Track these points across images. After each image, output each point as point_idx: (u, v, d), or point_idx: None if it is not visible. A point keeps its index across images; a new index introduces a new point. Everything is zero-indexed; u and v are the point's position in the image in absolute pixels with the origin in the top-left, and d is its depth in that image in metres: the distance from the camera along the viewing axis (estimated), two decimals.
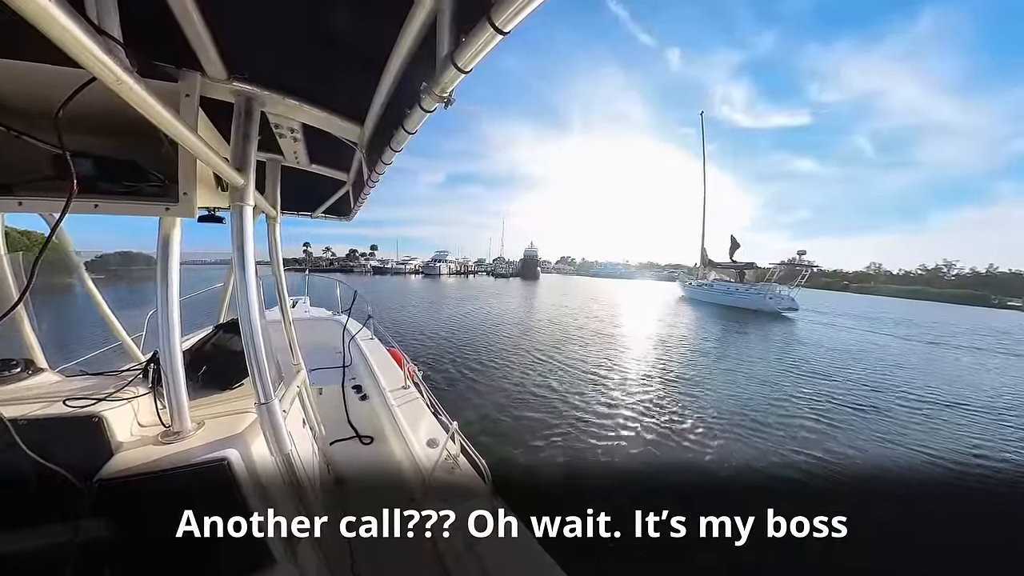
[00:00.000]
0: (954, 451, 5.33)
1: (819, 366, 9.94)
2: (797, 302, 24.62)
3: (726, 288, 30.09)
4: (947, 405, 7.26)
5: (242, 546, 1.08)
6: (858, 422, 6.19)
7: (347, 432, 2.97)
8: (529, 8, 0.62)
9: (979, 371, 10.76)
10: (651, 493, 4.05)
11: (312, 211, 3.02)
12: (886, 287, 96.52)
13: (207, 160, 0.95)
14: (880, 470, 4.97)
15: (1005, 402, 7.70)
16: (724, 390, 7.47)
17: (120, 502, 0.96)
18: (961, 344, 15.93)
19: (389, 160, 1.38)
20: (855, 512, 1.36)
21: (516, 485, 4.05)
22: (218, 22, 0.93)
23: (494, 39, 0.69)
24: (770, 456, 4.93)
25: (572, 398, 6.46)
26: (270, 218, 1.94)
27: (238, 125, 1.22)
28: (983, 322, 28.81)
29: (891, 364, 10.72)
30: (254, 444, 1.19)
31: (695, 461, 4.80)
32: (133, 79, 0.60)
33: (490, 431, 5.10)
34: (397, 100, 1.23)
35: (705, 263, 35.59)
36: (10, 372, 1.26)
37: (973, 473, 4.88)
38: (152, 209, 1.07)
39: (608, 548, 2.22)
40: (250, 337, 1.19)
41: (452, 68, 0.79)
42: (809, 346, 12.92)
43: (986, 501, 4.42)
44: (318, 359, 3.67)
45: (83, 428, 1.04)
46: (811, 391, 7.62)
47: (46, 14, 0.43)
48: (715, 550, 1.31)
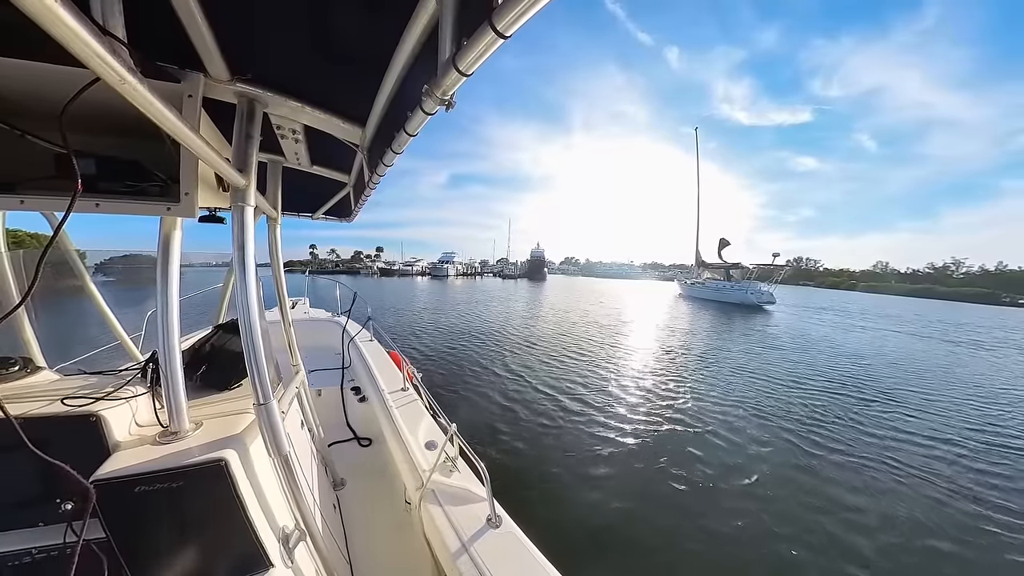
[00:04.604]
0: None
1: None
2: (775, 296, 30.04)
3: (715, 286, 34.72)
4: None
5: (239, 548, 1.08)
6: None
7: (346, 434, 2.97)
8: (530, 12, 0.62)
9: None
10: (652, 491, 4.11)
11: (313, 212, 3.03)
12: (894, 286, 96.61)
13: (209, 160, 0.95)
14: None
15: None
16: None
17: (117, 502, 0.95)
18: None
19: (390, 162, 1.38)
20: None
21: (516, 487, 4.05)
22: (222, 24, 0.93)
23: (495, 43, 0.69)
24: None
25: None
26: (271, 219, 1.95)
27: (240, 126, 1.23)
28: (998, 321, 30.48)
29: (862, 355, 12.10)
30: (252, 445, 1.18)
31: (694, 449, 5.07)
32: (137, 79, 0.60)
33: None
34: (398, 102, 1.24)
35: (699, 264, 40.20)
36: (8, 370, 1.25)
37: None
38: (153, 209, 1.07)
39: (608, 549, 2.24)
40: (249, 338, 1.19)
41: (453, 71, 0.79)
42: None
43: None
44: (317, 360, 3.67)
45: (80, 427, 1.04)
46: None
47: (51, 14, 0.43)
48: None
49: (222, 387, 1.47)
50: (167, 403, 1.13)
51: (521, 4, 0.61)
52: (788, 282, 30.13)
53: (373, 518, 2.16)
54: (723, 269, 36.58)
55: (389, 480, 2.35)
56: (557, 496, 4.04)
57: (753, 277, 33.77)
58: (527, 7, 0.61)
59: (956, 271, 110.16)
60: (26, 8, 0.41)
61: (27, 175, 1.01)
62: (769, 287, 30.56)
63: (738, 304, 29.79)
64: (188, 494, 1.01)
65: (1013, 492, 4.52)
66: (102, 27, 0.67)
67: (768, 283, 31.41)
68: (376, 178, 1.71)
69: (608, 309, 23.43)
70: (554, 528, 3.43)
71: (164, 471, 0.99)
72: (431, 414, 2.36)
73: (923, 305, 49.94)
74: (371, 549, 1.97)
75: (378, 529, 2.10)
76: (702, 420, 6.16)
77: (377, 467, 2.57)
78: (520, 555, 1.30)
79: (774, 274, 32.74)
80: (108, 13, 0.72)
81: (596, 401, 6.83)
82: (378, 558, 1.93)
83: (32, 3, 0.41)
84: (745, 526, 3.67)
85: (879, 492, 4.39)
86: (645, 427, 5.78)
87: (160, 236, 1.11)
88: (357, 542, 1.98)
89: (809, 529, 3.68)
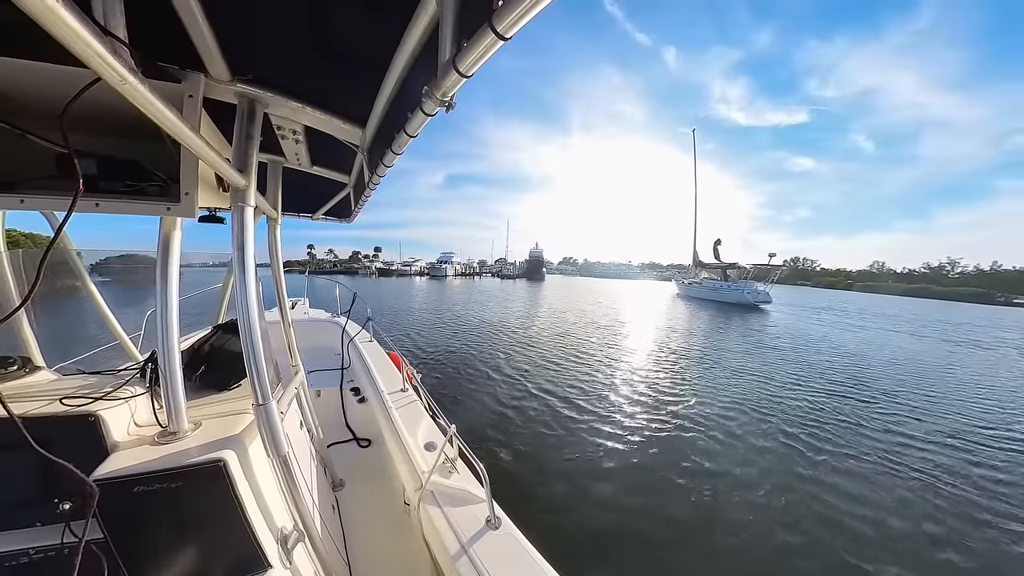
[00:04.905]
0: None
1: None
2: (771, 296, 30.46)
3: (712, 286, 35.30)
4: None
5: (237, 549, 1.08)
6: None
7: (345, 435, 2.96)
8: (531, 14, 0.62)
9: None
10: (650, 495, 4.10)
11: (313, 212, 3.03)
12: (891, 285, 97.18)
13: (209, 161, 0.95)
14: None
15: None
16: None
17: (115, 502, 0.95)
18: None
19: (390, 163, 1.39)
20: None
21: (515, 488, 4.05)
22: (222, 24, 0.93)
23: (496, 44, 0.69)
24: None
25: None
26: (271, 219, 1.94)
27: (240, 126, 1.23)
28: (995, 320, 30.80)
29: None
30: (251, 446, 1.18)
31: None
32: (137, 80, 0.60)
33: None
34: (399, 104, 1.24)
35: (696, 264, 40.88)
36: (7, 370, 1.25)
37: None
38: (153, 209, 1.07)
39: (608, 550, 2.24)
40: (249, 338, 1.18)
41: (454, 72, 0.79)
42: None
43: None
44: (317, 361, 3.66)
45: (79, 427, 1.04)
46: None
47: (53, 15, 0.44)
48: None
49: (221, 387, 1.47)
50: (166, 403, 1.13)
51: (521, 6, 0.61)
52: (785, 282, 30.92)
53: (372, 519, 2.16)
54: (720, 269, 37.20)
55: (388, 481, 2.35)
56: (556, 496, 4.05)
57: (750, 277, 34.29)
58: (527, 8, 0.61)
59: (952, 271, 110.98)
60: (28, 8, 0.41)
61: (27, 174, 1.01)
62: (765, 287, 31.04)
63: (735, 304, 30.29)
64: (187, 494, 1.01)
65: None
66: (103, 27, 0.67)
67: (764, 283, 31.94)
68: (376, 179, 1.71)
69: (606, 309, 23.62)
70: (554, 530, 3.43)
71: (163, 471, 0.99)
72: (430, 415, 2.36)
73: (921, 305, 50.15)
74: (370, 550, 1.97)
75: (377, 530, 2.09)
76: (701, 420, 6.17)
77: (376, 468, 2.57)
78: (519, 556, 1.30)
79: (770, 274, 33.35)
80: (109, 13, 0.72)
81: (596, 401, 6.85)
82: (377, 559, 1.92)
83: (34, 3, 0.41)
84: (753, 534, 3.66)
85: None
86: (641, 424, 5.81)
87: (160, 236, 1.11)
88: (356, 543, 1.97)
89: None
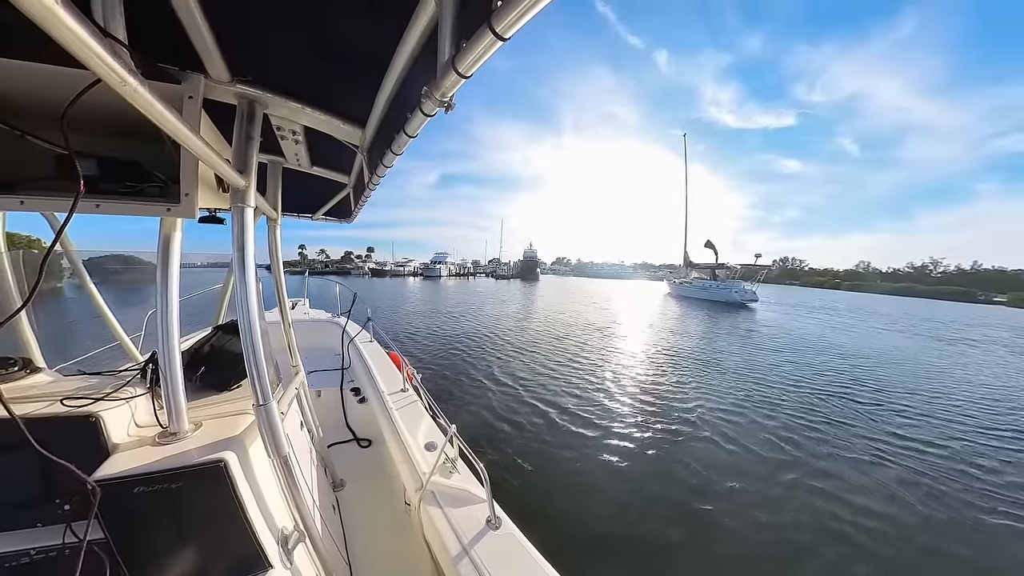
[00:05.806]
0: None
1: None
2: (758, 294, 31.82)
3: (702, 285, 36.42)
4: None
5: (238, 549, 1.08)
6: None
7: (345, 435, 2.96)
8: (529, 14, 0.63)
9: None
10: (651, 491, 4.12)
11: (313, 213, 3.03)
12: (878, 284, 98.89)
13: (209, 161, 0.95)
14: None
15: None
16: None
17: (115, 503, 0.95)
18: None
19: (390, 163, 1.39)
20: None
21: (515, 488, 4.06)
22: (222, 25, 0.93)
23: (495, 45, 0.70)
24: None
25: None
26: (271, 220, 1.94)
27: (240, 127, 1.23)
28: (979, 318, 31.60)
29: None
30: (251, 446, 1.18)
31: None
32: (137, 81, 0.60)
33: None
34: (398, 104, 1.24)
35: (687, 264, 42.13)
36: (7, 371, 1.25)
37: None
38: (153, 209, 1.07)
39: (607, 550, 2.25)
40: (249, 338, 1.19)
41: (453, 73, 0.79)
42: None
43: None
44: (317, 361, 3.65)
45: (79, 428, 1.04)
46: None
47: (52, 16, 0.43)
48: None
49: (221, 388, 1.47)
50: (166, 404, 1.13)
51: (520, 6, 0.61)
52: (775, 281, 32.41)
53: (372, 519, 2.16)
54: (710, 269, 38.58)
55: (389, 481, 2.34)
56: (556, 498, 4.06)
57: (738, 276, 35.68)
58: (526, 9, 0.61)
59: (934, 270, 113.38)
60: (27, 10, 0.41)
61: (27, 176, 1.01)
62: (752, 286, 32.18)
63: (724, 302, 31.17)
64: (187, 495, 1.01)
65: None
66: (103, 29, 0.67)
67: (751, 282, 33.14)
68: (376, 179, 1.71)
69: (600, 309, 23.76)
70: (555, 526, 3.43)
71: (163, 472, 0.99)
72: (431, 415, 2.36)
73: (907, 303, 51.34)
74: (370, 550, 1.97)
75: (377, 530, 2.09)
76: (700, 420, 6.21)
77: (377, 468, 2.56)
78: (520, 557, 1.30)
79: (757, 273, 34.80)
80: (109, 15, 0.72)
81: (595, 399, 6.88)
82: (377, 559, 1.93)
83: (33, 5, 0.41)
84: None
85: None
86: (639, 422, 5.84)
87: (160, 237, 1.11)
88: (356, 543, 1.97)
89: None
